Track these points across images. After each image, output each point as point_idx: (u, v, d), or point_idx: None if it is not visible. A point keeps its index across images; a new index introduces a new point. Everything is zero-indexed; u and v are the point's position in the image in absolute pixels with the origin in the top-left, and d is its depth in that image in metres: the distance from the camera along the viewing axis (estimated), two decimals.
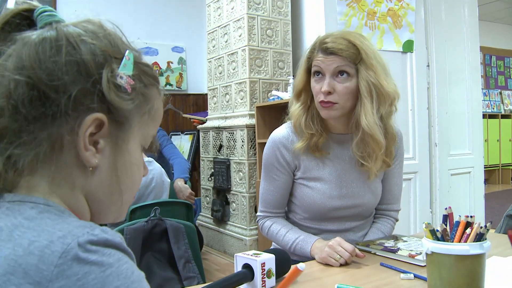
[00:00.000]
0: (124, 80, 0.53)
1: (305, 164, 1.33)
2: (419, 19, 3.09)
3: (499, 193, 6.70)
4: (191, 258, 1.57)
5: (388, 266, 1.08)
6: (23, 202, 0.49)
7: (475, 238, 0.82)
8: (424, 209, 3.10)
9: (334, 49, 1.21)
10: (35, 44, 0.50)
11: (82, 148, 0.51)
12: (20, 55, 0.50)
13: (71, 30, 0.52)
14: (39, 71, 0.49)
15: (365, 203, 1.34)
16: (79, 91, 0.50)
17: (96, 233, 0.46)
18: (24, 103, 0.48)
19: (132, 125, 0.56)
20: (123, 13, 4.44)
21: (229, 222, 3.40)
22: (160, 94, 0.60)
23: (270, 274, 0.95)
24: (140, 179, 0.61)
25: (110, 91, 0.51)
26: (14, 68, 0.49)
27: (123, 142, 0.55)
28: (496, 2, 6.86)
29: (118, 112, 0.53)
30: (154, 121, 0.60)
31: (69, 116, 0.49)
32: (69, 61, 0.50)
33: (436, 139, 3.15)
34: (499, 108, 8.03)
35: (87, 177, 0.53)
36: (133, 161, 0.58)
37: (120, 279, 0.45)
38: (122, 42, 0.56)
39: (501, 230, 1.54)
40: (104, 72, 0.51)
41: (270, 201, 1.37)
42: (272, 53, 3.26)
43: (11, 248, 0.44)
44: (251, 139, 3.18)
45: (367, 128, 1.21)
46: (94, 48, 0.52)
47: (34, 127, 0.49)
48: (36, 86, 0.49)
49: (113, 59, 0.53)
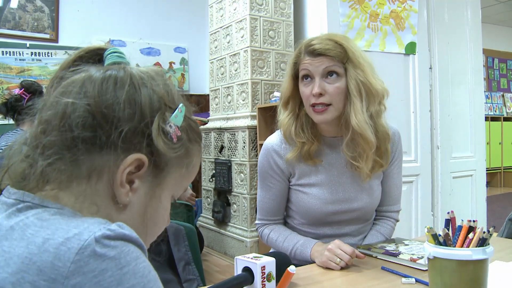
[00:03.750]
0: (172, 129, 0.55)
1: (299, 171, 1.32)
2: (422, 21, 3.08)
3: (501, 196, 6.67)
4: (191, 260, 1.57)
5: (389, 270, 1.07)
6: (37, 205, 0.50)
7: (477, 243, 0.81)
8: (426, 212, 3.09)
9: (321, 49, 1.21)
10: (101, 77, 0.53)
11: (118, 184, 0.52)
12: (85, 84, 0.53)
13: (135, 72, 0.56)
14: (99, 101, 0.51)
15: (362, 207, 1.33)
16: (131, 129, 0.52)
17: (113, 228, 0.46)
18: (78, 125, 0.51)
19: (169, 174, 0.57)
20: (125, 13, 4.45)
21: (230, 224, 3.39)
22: (200, 151, 0.63)
23: (270, 277, 0.94)
24: (163, 227, 0.62)
25: (158, 136, 0.53)
26: (76, 93, 0.52)
27: (157, 187, 0.57)
28: (498, 5, 6.85)
29: (160, 157, 0.55)
30: (189, 176, 0.62)
31: (116, 150, 0.51)
32: (129, 99, 0.53)
33: (438, 141, 3.13)
34: (502, 110, 8.00)
35: (116, 211, 0.54)
36: (162, 211, 0.59)
37: (137, 277, 0.45)
38: (178, 94, 0.59)
39: (503, 234, 1.53)
40: (157, 117, 0.54)
41: (268, 209, 1.37)
42: (274, 54, 3.26)
43: (25, 247, 0.44)
44: (252, 140, 3.18)
45: (357, 127, 1.20)
46: (152, 94, 0.55)
47: (80, 148, 0.51)
48: (93, 114, 0.51)
49: (167, 108, 0.56)
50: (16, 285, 0.42)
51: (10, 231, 0.47)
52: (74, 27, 4.17)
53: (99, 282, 0.42)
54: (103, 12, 4.32)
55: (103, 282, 0.42)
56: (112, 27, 4.34)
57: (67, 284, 0.42)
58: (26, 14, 4.05)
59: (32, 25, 4.06)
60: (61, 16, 4.17)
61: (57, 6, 4.15)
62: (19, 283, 0.42)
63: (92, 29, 4.16)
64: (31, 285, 0.42)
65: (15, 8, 4.01)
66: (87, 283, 0.42)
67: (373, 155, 1.26)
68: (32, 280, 0.42)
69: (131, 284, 0.44)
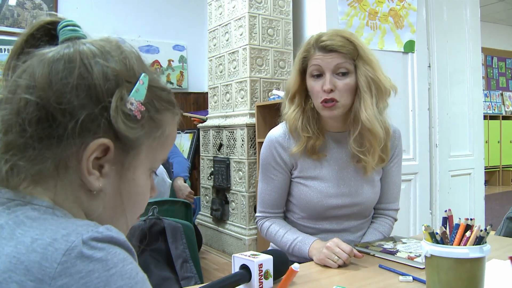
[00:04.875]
0: (134, 106, 0.52)
1: (302, 163, 1.33)
2: (421, 20, 3.08)
3: (499, 195, 6.68)
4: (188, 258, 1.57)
5: (386, 268, 1.08)
6: (26, 203, 0.49)
7: (475, 241, 0.81)
8: (424, 211, 3.09)
9: (333, 46, 1.22)
10: (49, 63, 0.50)
11: (85, 173, 0.51)
12: (33, 73, 0.50)
13: (86, 49, 0.52)
14: (50, 93, 0.49)
15: (364, 201, 1.34)
16: (87, 116, 0.49)
17: (101, 230, 0.46)
18: (31, 123, 0.48)
19: (139, 152, 0.55)
20: (124, 11, 4.43)
21: (228, 222, 3.39)
22: (174, 118, 0.59)
23: (268, 275, 0.94)
24: (145, 204, 0.60)
25: (118, 119, 0.50)
26: (26, 87, 0.49)
27: (128, 169, 0.54)
28: (497, 3, 6.85)
29: (124, 139, 0.52)
30: (164, 147, 0.59)
31: (75, 140, 0.49)
32: (80, 84, 0.49)
33: (437, 140, 3.14)
34: (500, 109, 8.01)
35: (90, 199, 0.53)
36: (139, 190, 0.57)
37: (124, 279, 0.44)
38: (139, 64, 0.55)
39: (501, 232, 1.54)
40: (114, 99, 0.50)
41: (268, 201, 1.37)
42: (273, 52, 3.25)
43: (13, 246, 0.44)
44: (251, 138, 3.18)
45: (367, 122, 1.21)
46: (106, 71, 0.51)
47: (40, 145, 0.49)
48: (45, 108, 0.49)
49: (125, 84, 0.52)
50: (3, 284, 0.42)
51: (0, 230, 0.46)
52: None
53: (86, 283, 0.42)
54: (102, 9, 4.30)
55: (90, 284, 0.42)
56: (111, 24, 4.32)
57: (54, 284, 0.41)
58: (25, 11, 4.04)
59: (30, 23, 4.04)
60: (59, 13, 4.13)
61: (56, 4, 4.14)
62: (6, 282, 0.42)
63: (90, 27, 4.11)
64: (18, 285, 0.42)
65: (14, 5, 4.00)
66: (74, 284, 0.42)
67: (379, 150, 1.28)
68: (19, 280, 0.42)
69: (118, 285, 0.43)
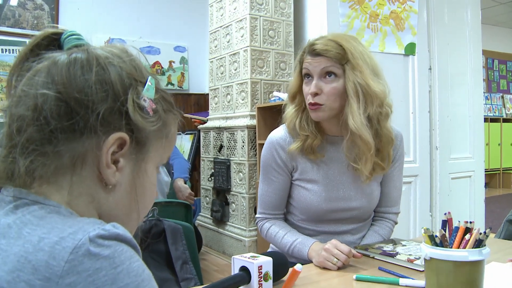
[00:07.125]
0: (147, 103, 0.55)
1: (301, 166, 1.33)
2: (422, 22, 3.08)
3: (499, 197, 6.68)
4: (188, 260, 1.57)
5: (386, 271, 1.08)
6: (34, 202, 0.50)
7: (474, 244, 0.81)
8: (424, 213, 3.09)
9: (320, 50, 1.23)
10: (66, 62, 0.52)
11: (104, 165, 0.52)
12: (51, 71, 0.51)
13: (99, 52, 0.55)
14: (70, 87, 0.51)
15: (359, 207, 1.34)
16: (107, 110, 0.52)
17: (107, 228, 0.46)
18: (53, 116, 0.50)
19: (151, 147, 0.58)
20: (125, 12, 4.44)
21: (228, 223, 3.39)
22: (176, 119, 0.63)
23: (267, 277, 0.94)
24: (154, 199, 0.63)
25: (135, 112, 0.53)
26: (43, 83, 0.51)
27: (142, 162, 0.57)
28: (498, 6, 6.85)
29: (140, 132, 0.55)
30: (170, 145, 0.63)
31: (96, 133, 0.51)
32: (99, 80, 0.52)
33: (437, 142, 3.14)
34: (501, 112, 8.00)
35: (105, 194, 0.54)
36: (149, 185, 0.60)
37: (130, 276, 0.45)
38: (145, 68, 0.59)
39: (501, 235, 1.54)
40: (130, 94, 0.54)
41: (269, 202, 1.37)
42: (274, 54, 3.26)
43: (21, 245, 0.45)
44: (251, 139, 3.18)
45: (354, 128, 1.21)
46: (121, 71, 0.54)
47: (60, 139, 0.50)
48: (65, 101, 0.50)
49: (138, 83, 0.55)
50: (11, 284, 0.42)
51: (7, 229, 0.47)
52: (74, 25, 4.16)
53: (93, 281, 0.43)
54: (103, 10, 4.31)
55: (97, 281, 0.43)
56: (112, 25, 4.33)
57: (62, 283, 0.42)
58: (26, 12, 4.04)
59: (32, 23, 4.06)
60: (61, 14, 4.17)
61: (57, 4, 4.15)
62: (15, 281, 0.42)
63: (92, 28, 4.16)
64: (26, 284, 0.42)
65: (15, 5, 4.00)
66: (82, 282, 0.42)
67: (373, 158, 1.26)
68: (27, 279, 0.42)
69: (125, 283, 0.44)
